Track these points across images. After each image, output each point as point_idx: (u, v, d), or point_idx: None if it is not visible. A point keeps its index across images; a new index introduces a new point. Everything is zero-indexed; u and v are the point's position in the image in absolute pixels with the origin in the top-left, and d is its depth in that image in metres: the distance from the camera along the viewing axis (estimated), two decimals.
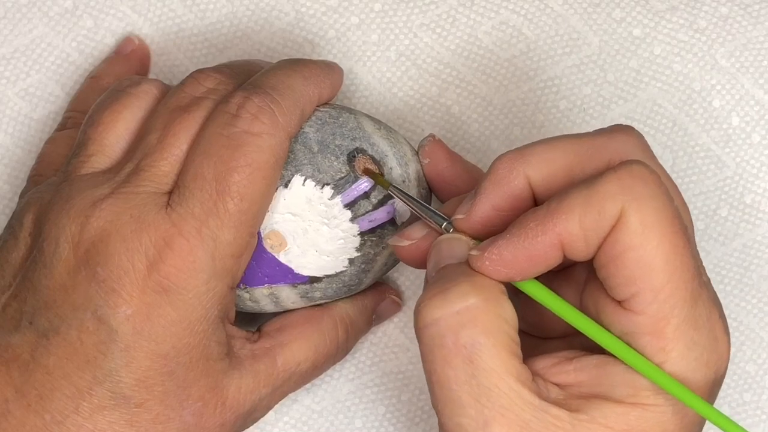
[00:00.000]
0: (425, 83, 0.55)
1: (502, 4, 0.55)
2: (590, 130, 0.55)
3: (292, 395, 0.55)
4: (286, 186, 0.49)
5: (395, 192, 0.49)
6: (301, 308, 0.51)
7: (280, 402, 0.55)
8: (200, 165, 0.46)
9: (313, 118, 0.50)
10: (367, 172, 0.49)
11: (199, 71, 0.50)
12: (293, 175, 0.49)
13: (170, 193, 0.47)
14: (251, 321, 0.52)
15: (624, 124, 0.46)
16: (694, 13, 0.55)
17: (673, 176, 0.55)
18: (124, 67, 0.55)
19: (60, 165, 0.51)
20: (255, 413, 0.49)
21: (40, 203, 0.48)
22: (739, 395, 0.55)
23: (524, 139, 0.55)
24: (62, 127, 0.54)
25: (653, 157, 0.46)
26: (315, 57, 0.56)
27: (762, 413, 0.55)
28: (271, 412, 0.55)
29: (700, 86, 0.55)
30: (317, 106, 0.50)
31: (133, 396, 0.45)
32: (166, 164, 0.47)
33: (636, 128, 0.51)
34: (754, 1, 0.55)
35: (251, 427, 0.55)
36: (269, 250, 0.49)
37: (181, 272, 0.46)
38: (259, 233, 0.48)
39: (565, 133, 0.55)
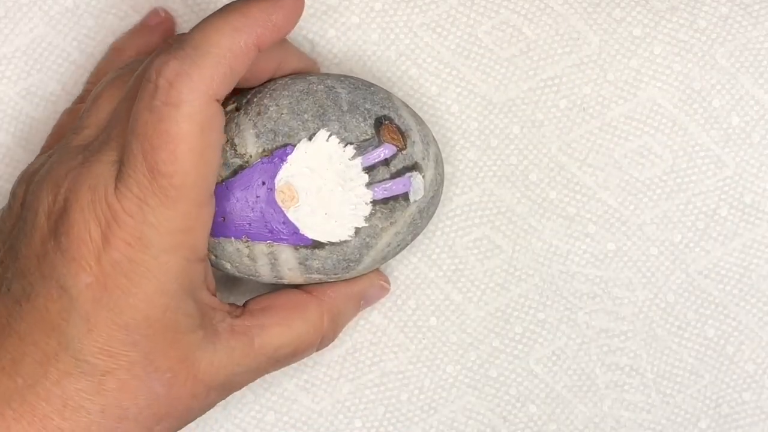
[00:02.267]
0: (425, 82, 0.55)
1: (503, 4, 0.55)
2: (591, 129, 0.55)
3: (291, 395, 0.55)
4: (309, 139, 0.49)
5: None
6: (290, 291, 0.51)
7: (279, 402, 0.55)
8: (130, 144, 0.46)
9: (346, 81, 0.50)
10: None
11: (177, 36, 0.49)
12: (319, 129, 0.49)
13: None
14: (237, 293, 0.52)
15: None
16: (695, 13, 0.55)
17: (673, 176, 0.55)
18: (148, 39, 0.55)
19: None
20: (229, 387, 0.49)
21: (31, 174, 0.49)
22: (739, 395, 0.55)
23: (523, 137, 0.55)
24: (80, 99, 0.54)
25: None
26: (315, 56, 0.56)
27: (762, 413, 0.55)
28: (271, 412, 0.55)
29: (700, 86, 0.55)
30: (342, 75, 0.50)
31: (98, 364, 0.46)
32: (110, 115, 0.48)
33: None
34: (754, 1, 0.55)
35: (251, 427, 0.55)
36: (279, 203, 0.49)
37: (129, 246, 0.45)
38: (273, 185, 0.49)
39: (565, 131, 0.55)
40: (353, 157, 0.49)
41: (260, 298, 0.51)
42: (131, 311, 0.46)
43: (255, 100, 0.50)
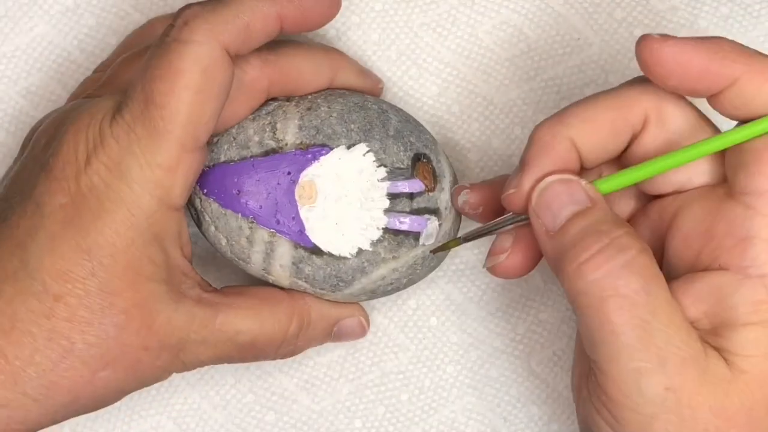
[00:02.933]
0: (426, 82, 0.55)
1: (503, 4, 0.55)
2: None
3: (291, 395, 0.55)
4: (348, 148, 0.49)
5: (467, 240, 0.50)
6: (268, 286, 0.51)
7: (279, 402, 0.55)
8: (136, 74, 0.47)
9: (400, 112, 0.51)
10: (439, 249, 0.50)
11: None
12: (360, 142, 0.49)
13: None
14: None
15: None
16: (695, 14, 0.55)
17: None
18: None
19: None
20: (182, 354, 0.48)
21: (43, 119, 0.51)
22: None
23: (524, 138, 0.55)
24: (103, 67, 0.55)
25: None
26: None
27: None
28: (271, 412, 0.55)
29: None
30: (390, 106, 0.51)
31: (53, 286, 0.46)
32: (129, 74, 0.49)
33: None
34: (754, 1, 0.55)
35: (251, 427, 0.55)
36: (296, 198, 0.49)
37: (108, 171, 0.46)
38: (297, 179, 0.49)
39: None
40: (382, 180, 0.49)
41: (236, 285, 0.51)
42: (96, 235, 0.46)
43: (309, 97, 0.50)
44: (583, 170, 0.48)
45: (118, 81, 0.51)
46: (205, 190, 0.50)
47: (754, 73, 0.44)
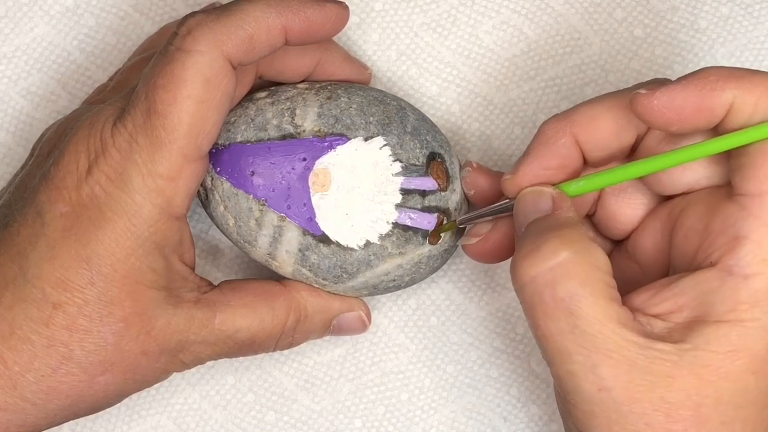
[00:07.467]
0: (425, 82, 0.55)
1: (503, 4, 0.55)
2: None
3: (291, 395, 0.55)
4: (365, 140, 0.49)
5: (463, 223, 0.51)
6: (265, 279, 0.51)
7: (279, 402, 0.55)
8: (138, 85, 0.47)
9: (417, 111, 0.51)
10: (436, 231, 0.50)
11: None
12: (378, 136, 0.50)
13: None
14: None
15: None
16: (695, 14, 0.55)
17: None
18: None
19: None
20: (182, 356, 0.49)
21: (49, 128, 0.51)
22: None
23: (525, 138, 0.55)
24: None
25: None
26: None
27: None
28: (271, 412, 0.55)
29: None
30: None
31: (52, 294, 0.46)
32: (136, 80, 0.49)
33: None
34: (754, 2, 0.55)
35: (251, 427, 0.55)
36: (310, 185, 0.49)
37: (110, 181, 0.46)
38: (311, 165, 0.49)
39: None
40: (396, 174, 0.50)
41: (234, 280, 0.51)
42: (96, 244, 0.46)
43: (329, 87, 0.51)
44: (587, 167, 0.48)
45: (126, 86, 0.51)
46: (218, 169, 0.50)
47: (746, 93, 0.44)
